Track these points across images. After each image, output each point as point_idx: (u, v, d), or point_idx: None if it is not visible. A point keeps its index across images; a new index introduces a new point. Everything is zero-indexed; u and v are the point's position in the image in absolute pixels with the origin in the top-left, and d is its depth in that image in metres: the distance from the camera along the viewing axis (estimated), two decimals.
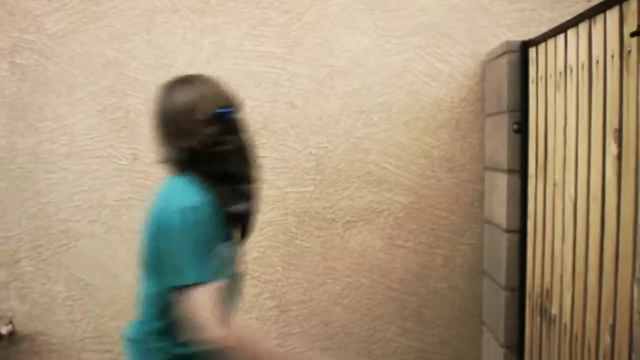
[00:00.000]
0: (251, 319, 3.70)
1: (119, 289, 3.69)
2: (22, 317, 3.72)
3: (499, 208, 3.33)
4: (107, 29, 3.61)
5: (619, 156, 2.09)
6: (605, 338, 2.19)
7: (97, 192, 3.66)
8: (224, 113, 2.22)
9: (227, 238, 2.24)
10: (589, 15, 2.35)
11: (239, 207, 2.23)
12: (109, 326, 3.72)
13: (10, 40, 3.62)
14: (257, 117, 3.61)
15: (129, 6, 3.61)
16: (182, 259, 2.09)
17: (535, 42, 3.02)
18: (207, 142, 2.18)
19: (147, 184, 3.64)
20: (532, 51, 3.08)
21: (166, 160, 2.27)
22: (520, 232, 3.20)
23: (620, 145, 2.09)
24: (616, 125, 2.11)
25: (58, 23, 3.61)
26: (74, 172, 3.66)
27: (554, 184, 2.74)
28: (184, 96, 2.21)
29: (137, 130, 3.63)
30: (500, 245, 3.31)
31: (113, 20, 3.61)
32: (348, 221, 3.68)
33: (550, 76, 2.80)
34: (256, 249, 3.67)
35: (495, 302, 3.42)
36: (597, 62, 2.27)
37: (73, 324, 3.72)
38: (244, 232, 2.33)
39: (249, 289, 3.68)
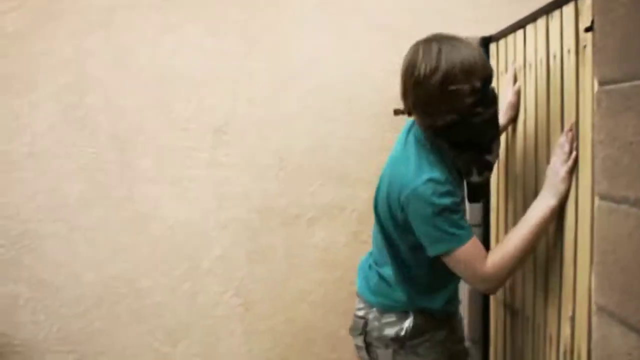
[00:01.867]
0: (216, 317, 3.69)
1: (82, 289, 3.66)
2: None
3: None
4: (65, 27, 3.58)
5: (577, 149, 2.12)
6: (566, 330, 2.21)
7: (59, 192, 3.63)
8: (488, 83, 2.23)
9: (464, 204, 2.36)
10: (546, 10, 2.37)
11: (478, 176, 2.33)
12: (73, 327, 3.69)
13: None
14: (218, 114, 3.60)
15: (88, 4, 3.58)
16: (440, 228, 2.23)
17: (496, 37, 3.04)
18: (469, 111, 2.19)
19: (109, 182, 3.61)
20: (492, 47, 3.10)
21: (421, 125, 2.33)
22: (484, 225, 3.22)
23: (577, 139, 2.11)
24: (573, 119, 2.13)
25: (15, 22, 3.57)
26: (34, 171, 3.62)
27: (515, 177, 2.76)
28: (461, 60, 2.17)
29: (98, 128, 3.61)
30: None
31: (71, 18, 3.58)
32: (312, 217, 3.68)
33: None
34: (219, 247, 3.66)
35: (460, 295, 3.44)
36: (555, 57, 2.30)
37: (36, 325, 3.69)
38: (478, 200, 2.47)
39: (213, 286, 3.67)
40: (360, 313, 2.61)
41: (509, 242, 2.25)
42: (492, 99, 2.27)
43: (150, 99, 3.61)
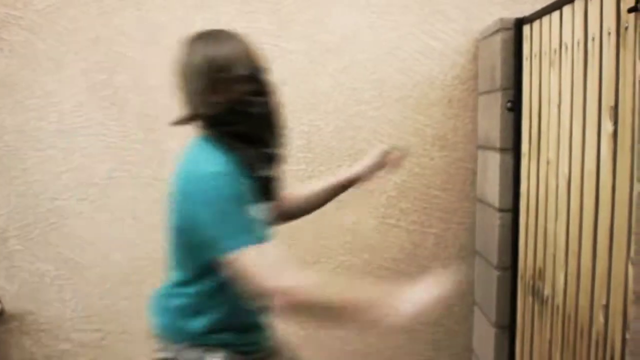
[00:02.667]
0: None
1: (108, 268, 3.67)
2: (10, 297, 3.69)
3: (492, 187, 3.31)
4: (96, 5, 3.56)
5: (615, 134, 2.07)
6: (599, 318, 2.17)
7: (86, 170, 3.63)
8: (259, 73, 2.19)
9: (255, 201, 2.14)
10: None
11: (265, 171, 2.19)
12: (98, 305, 3.70)
13: None
14: None
15: None
16: (223, 228, 2.01)
17: (530, 19, 2.99)
18: (240, 100, 2.14)
19: (136, 161, 3.61)
20: (526, 28, 3.05)
21: (192, 118, 2.23)
22: (513, 211, 3.18)
23: (616, 123, 2.07)
24: (612, 103, 2.08)
25: None
26: (62, 149, 3.62)
27: (548, 163, 2.71)
28: (224, 50, 2.16)
29: (126, 107, 3.59)
30: (493, 225, 3.29)
31: None
32: (341, 200, 3.63)
33: (545, 54, 2.77)
34: None
35: (487, 281, 3.41)
36: (593, 39, 2.24)
37: (62, 304, 3.70)
38: (268, 197, 2.26)
39: None
40: (161, 355, 2.33)
41: (332, 293, 2.02)
42: (265, 90, 2.21)
43: None
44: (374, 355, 3.73)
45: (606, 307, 2.12)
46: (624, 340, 1.98)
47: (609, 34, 2.11)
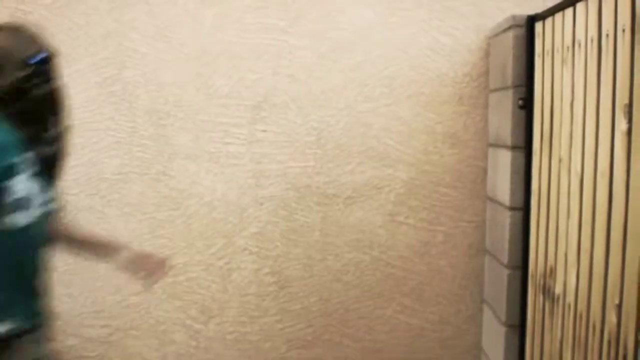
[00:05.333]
0: (250, 295, 3.68)
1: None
2: None
3: (503, 185, 3.29)
4: (106, 0, 3.55)
5: (629, 132, 2.05)
6: (611, 318, 2.15)
7: (95, 166, 3.62)
8: (38, 59, 2.23)
9: (35, 179, 2.21)
10: None
11: (45, 149, 2.24)
12: (108, 301, 3.70)
13: (7, 11, 3.55)
14: (258, 90, 3.57)
15: None
16: None
17: (542, 16, 2.97)
18: (17, 83, 2.18)
19: (146, 157, 3.60)
20: (538, 25, 3.03)
21: None
22: (524, 209, 3.17)
23: (630, 121, 2.05)
24: (626, 101, 2.06)
25: None
26: (72, 144, 3.60)
27: (560, 160, 2.70)
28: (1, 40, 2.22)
29: (136, 102, 3.59)
30: (503, 223, 3.28)
31: None
32: (349, 197, 3.64)
33: (557, 51, 2.75)
34: (256, 224, 3.64)
35: (497, 280, 3.39)
36: (607, 35, 2.23)
37: (71, 299, 3.70)
38: (51, 176, 2.33)
39: (248, 264, 3.66)
40: None
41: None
42: (44, 78, 2.25)
43: (190, 74, 3.58)
44: (383, 352, 3.72)
45: (619, 306, 2.10)
46: (637, 340, 1.96)
47: (624, 30, 2.09)
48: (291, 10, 3.55)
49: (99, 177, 3.63)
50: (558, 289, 2.73)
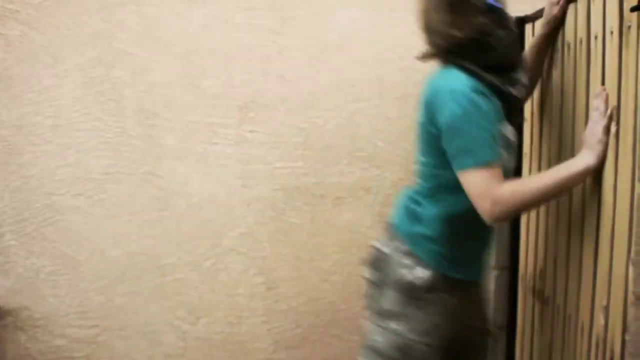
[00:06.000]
0: (238, 295, 3.67)
1: (104, 263, 3.65)
2: (5, 292, 3.67)
3: None
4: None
5: (617, 134, 2.06)
6: (599, 320, 2.16)
7: (82, 166, 3.61)
8: (497, 5, 2.32)
9: (504, 121, 2.32)
10: None
11: (512, 90, 2.31)
12: (94, 301, 3.68)
13: None
14: (246, 90, 3.56)
15: None
16: (466, 143, 2.20)
17: (532, 18, 2.97)
18: (480, 31, 2.27)
19: (134, 157, 3.59)
20: (528, 27, 3.04)
21: (435, 51, 2.40)
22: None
23: (618, 123, 2.05)
24: (615, 103, 2.07)
25: None
26: (59, 145, 3.60)
27: (549, 162, 2.70)
28: None
29: (124, 102, 3.57)
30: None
31: None
32: (337, 197, 3.64)
33: (547, 53, 2.75)
34: (244, 225, 3.63)
35: (485, 280, 3.39)
36: (596, 37, 2.23)
37: (57, 299, 3.68)
38: (514, 118, 2.42)
39: (236, 265, 3.65)
40: (383, 248, 2.55)
41: (533, 180, 2.25)
42: (505, 22, 2.33)
43: (178, 74, 3.57)
44: None
45: (607, 308, 2.10)
46: (623, 341, 1.96)
47: (612, 33, 2.09)
48: (280, 11, 3.54)
49: (86, 177, 3.61)
50: (548, 291, 2.73)
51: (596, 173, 2.20)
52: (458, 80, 2.25)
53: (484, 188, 2.19)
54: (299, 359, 3.72)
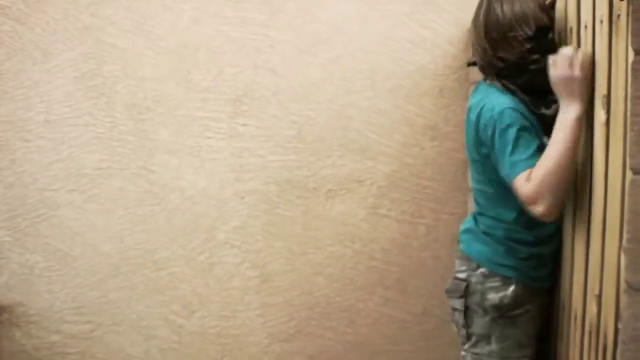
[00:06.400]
0: (232, 289, 3.67)
1: (98, 259, 3.65)
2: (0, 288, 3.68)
3: None
4: None
5: (607, 123, 2.06)
6: (592, 308, 2.16)
7: (75, 161, 3.60)
8: (544, 32, 2.43)
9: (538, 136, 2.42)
10: None
11: (546, 111, 2.41)
12: (89, 297, 3.68)
13: None
14: (238, 84, 3.56)
15: None
16: (509, 155, 2.34)
17: None
18: (523, 56, 2.40)
19: (126, 152, 3.58)
20: None
21: (481, 67, 2.56)
22: None
23: (608, 112, 2.05)
24: (605, 92, 2.07)
25: None
26: (51, 140, 3.59)
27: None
28: (514, 10, 2.42)
29: (116, 97, 3.57)
30: None
31: None
32: (330, 190, 3.64)
33: None
34: (237, 218, 3.63)
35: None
36: (586, 27, 2.23)
37: (52, 295, 3.68)
38: (547, 134, 2.44)
39: (230, 259, 3.65)
40: (462, 275, 2.62)
41: (545, 160, 2.28)
42: (548, 48, 2.39)
43: (169, 68, 3.57)
44: (365, 345, 3.72)
45: (599, 296, 2.11)
46: (616, 330, 1.97)
47: (602, 22, 2.09)
48: (270, 4, 3.54)
49: (79, 172, 3.61)
50: None
51: (587, 162, 2.20)
52: (499, 100, 2.41)
53: (520, 195, 2.32)
54: (294, 352, 3.72)
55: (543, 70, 2.35)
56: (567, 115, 2.25)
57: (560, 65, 2.25)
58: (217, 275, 3.67)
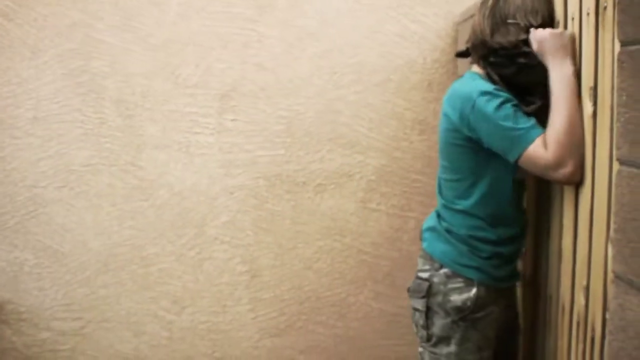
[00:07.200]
0: (222, 284, 3.67)
1: (87, 255, 3.64)
2: None
3: None
4: None
5: (594, 115, 2.07)
6: (580, 299, 2.17)
7: (64, 158, 3.60)
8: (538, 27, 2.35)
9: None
10: None
11: (525, 108, 2.35)
12: (78, 293, 3.67)
13: None
14: (226, 79, 3.56)
15: None
16: (514, 127, 2.27)
17: None
18: (516, 45, 2.35)
19: (115, 148, 3.58)
20: None
21: (473, 46, 2.48)
22: None
23: (595, 104, 2.06)
24: (591, 84, 2.08)
25: None
26: (39, 137, 3.58)
27: None
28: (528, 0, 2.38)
29: (104, 93, 3.57)
30: None
31: None
32: (319, 184, 3.64)
33: None
34: (226, 214, 3.63)
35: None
36: (573, 19, 2.24)
37: (42, 292, 3.67)
38: None
39: (219, 254, 3.65)
40: (425, 275, 2.55)
41: (557, 121, 2.23)
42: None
43: (157, 64, 3.56)
44: (356, 339, 3.73)
45: (587, 288, 2.12)
46: (604, 320, 1.98)
47: (588, 14, 2.10)
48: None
49: (68, 169, 3.60)
50: (529, 272, 2.74)
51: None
52: (479, 89, 2.35)
53: (541, 165, 2.26)
54: (284, 347, 3.72)
55: (529, 68, 2.35)
56: (564, 71, 2.21)
57: (548, 28, 2.28)
58: (206, 271, 3.67)
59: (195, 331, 3.71)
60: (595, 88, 2.06)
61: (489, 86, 2.35)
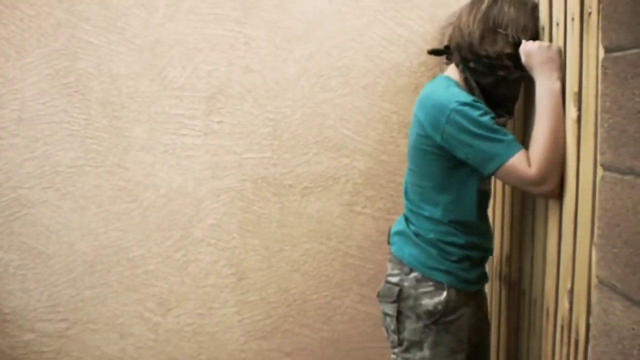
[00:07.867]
0: (208, 286, 3.67)
1: (73, 257, 3.63)
2: None
3: None
4: None
5: (579, 120, 2.08)
6: (564, 303, 2.18)
7: (49, 159, 3.59)
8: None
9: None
10: None
11: (499, 119, 2.36)
12: (64, 295, 3.66)
13: None
14: (213, 81, 3.56)
15: None
16: (494, 138, 2.26)
17: None
18: (499, 56, 2.34)
19: (101, 149, 3.57)
20: None
21: (457, 45, 2.44)
22: None
23: (579, 109, 2.07)
24: (576, 89, 2.09)
25: None
26: (24, 138, 3.57)
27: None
28: (521, 17, 2.37)
29: (90, 94, 3.56)
30: None
31: None
32: (306, 187, 3.64)
33: None
34: (213, 216, 3.63)
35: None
36: (558, 24, 2.25)
37: (26, 293, 3.66)
38: None
39: (206, 256, 3.65)
40: (395, 279, 2.53)
41: (537, 138, 2.24)
42: (522, 68, 2.34)
43: (144, 65, 3.55)
44: (342, 342, 3.73)
45: (571, 292, 2.13)
46: (588, 324, 1.99)
47: (573, 19, 2.11)
48: (245, 1, 3.54)
49: (53, 170, 3.59)
50: (514, 276, 2.75)
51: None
52: (456, 99, 2.32)
53: (522, 178, 2.27)
54: (270, 349, 3.72)
55: (506, 83, 2.37)
56: (551, 86, 2.21)
57: (537, 41, 2.27)
58: (192, 273, 3.67)
59: (181, 333, 3.70)
60: (579, 93, 2.07)
61: (466, 96, 2.32)
